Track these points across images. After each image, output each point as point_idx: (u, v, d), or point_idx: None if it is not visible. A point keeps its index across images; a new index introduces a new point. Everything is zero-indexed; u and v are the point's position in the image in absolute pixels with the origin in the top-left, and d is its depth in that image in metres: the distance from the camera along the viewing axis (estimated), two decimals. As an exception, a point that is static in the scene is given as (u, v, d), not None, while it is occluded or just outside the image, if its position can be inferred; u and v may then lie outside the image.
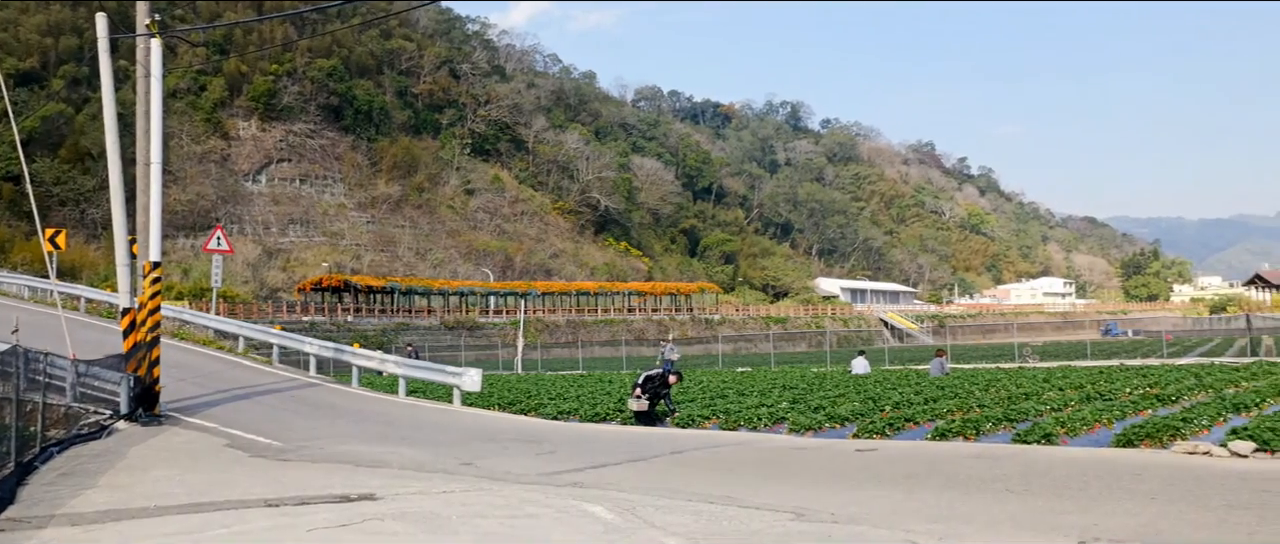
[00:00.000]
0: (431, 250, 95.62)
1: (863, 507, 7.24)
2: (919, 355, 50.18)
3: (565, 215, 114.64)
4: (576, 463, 10.57)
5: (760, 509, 7.20)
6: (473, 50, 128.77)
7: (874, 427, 13.28)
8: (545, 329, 77.54)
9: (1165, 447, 10.60)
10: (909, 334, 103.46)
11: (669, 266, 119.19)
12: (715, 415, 15.83)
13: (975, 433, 12.47)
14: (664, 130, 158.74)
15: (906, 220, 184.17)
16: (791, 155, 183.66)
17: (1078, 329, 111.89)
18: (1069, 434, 12.00)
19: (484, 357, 60.11)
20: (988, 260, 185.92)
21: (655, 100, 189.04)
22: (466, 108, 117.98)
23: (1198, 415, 12.76)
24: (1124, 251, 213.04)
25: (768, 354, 58.25)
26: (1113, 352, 45.64)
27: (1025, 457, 9.94)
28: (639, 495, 8.03)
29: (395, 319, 72.96)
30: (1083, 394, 17.56)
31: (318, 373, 24.66)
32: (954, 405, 15.77)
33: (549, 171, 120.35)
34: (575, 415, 17.49)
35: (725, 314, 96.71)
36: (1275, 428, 10.60)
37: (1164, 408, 14.99)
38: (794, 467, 9.95)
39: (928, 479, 8.65)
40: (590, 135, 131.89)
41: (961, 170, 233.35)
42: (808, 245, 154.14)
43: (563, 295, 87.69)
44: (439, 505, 7.55)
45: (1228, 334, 75.00)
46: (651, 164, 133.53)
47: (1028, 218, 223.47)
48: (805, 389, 21.45)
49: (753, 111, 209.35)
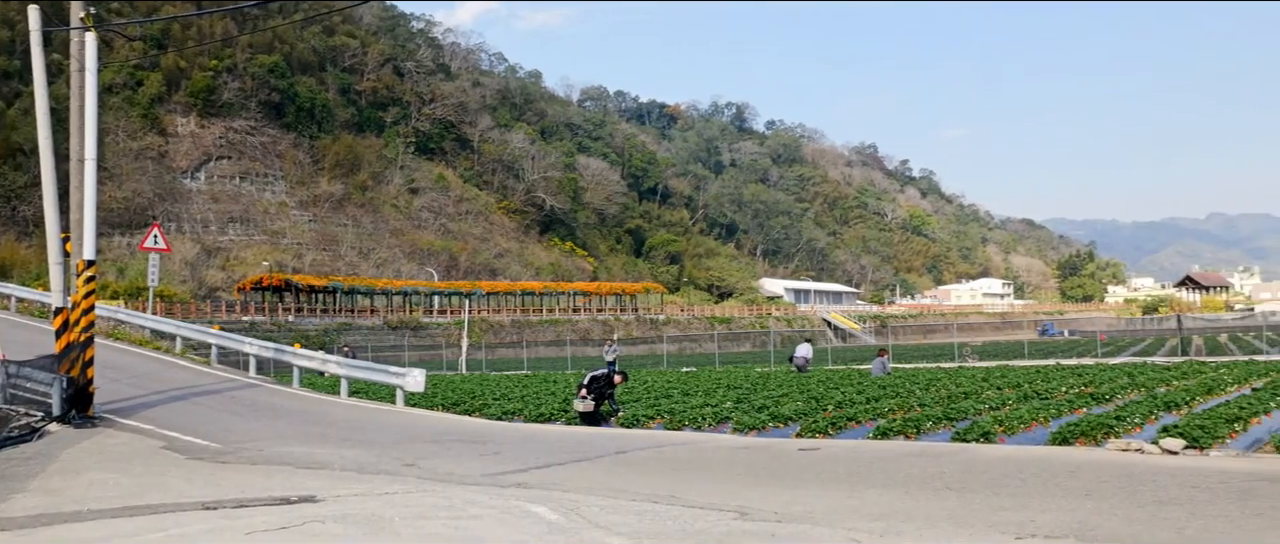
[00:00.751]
0: (375, 249, 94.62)
1: (806, 505, 7.31)
2: (861, 355, 50.72)
3: (510, 215, 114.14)
4: (521, 463, 10.54)
5: (704, 509, 7.23)
6: (417, 48, 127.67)
7: (817, 426, 13.40)
8: (490, 329, 77.14)
9: (1099, 444, 10.82)
10: (852, 334, 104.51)
11: (614, 267, 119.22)
12: (660, 415, 15.86)
13: (916, 432, 12.64)
14: (610, 130, 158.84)
15: (850, 222, 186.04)
16: (736, 156, 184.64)
17: (1016, 329, 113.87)
18: (1007, 432, 12.20)
19: (428, 357, 59.64)
20: (929, 261, 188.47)
21: (601, 100, 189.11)
22: (411, 106, 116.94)
23: (1131, 414, 13.04)
24: (1060, 253, 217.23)
25: (712, 354, 58.50)
26: (1049, 351, 46.51)
27: (964, 455, 10.08)
28: (583, 495, 8.02)
29: (337, 319, 72.15)
30: (1020, 393, 17.86)
31: (257, 374, 24.30)
32: (895, 405, 15.96)
33: (494, 171, 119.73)
34: (520, 416, 17.42)
35: (670, 314, 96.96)
36: (1204, 426, 10.89)
37: (1098, 406, 15.29)
38: (738, 466, 10.01)
39: (869, 478, 8.75)
40: (536, 135, 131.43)
41: (904, 172, 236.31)
42: (752, 246, 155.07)
43: (507, 295, 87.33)
44: (381, 507, 7.49)
45: (1159, 334, 76.78)
46: (597, 164, 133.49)
47: (968, 220, 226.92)
48: (749, 389, 21.58)
49: (698, 112, 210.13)
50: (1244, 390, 17.21)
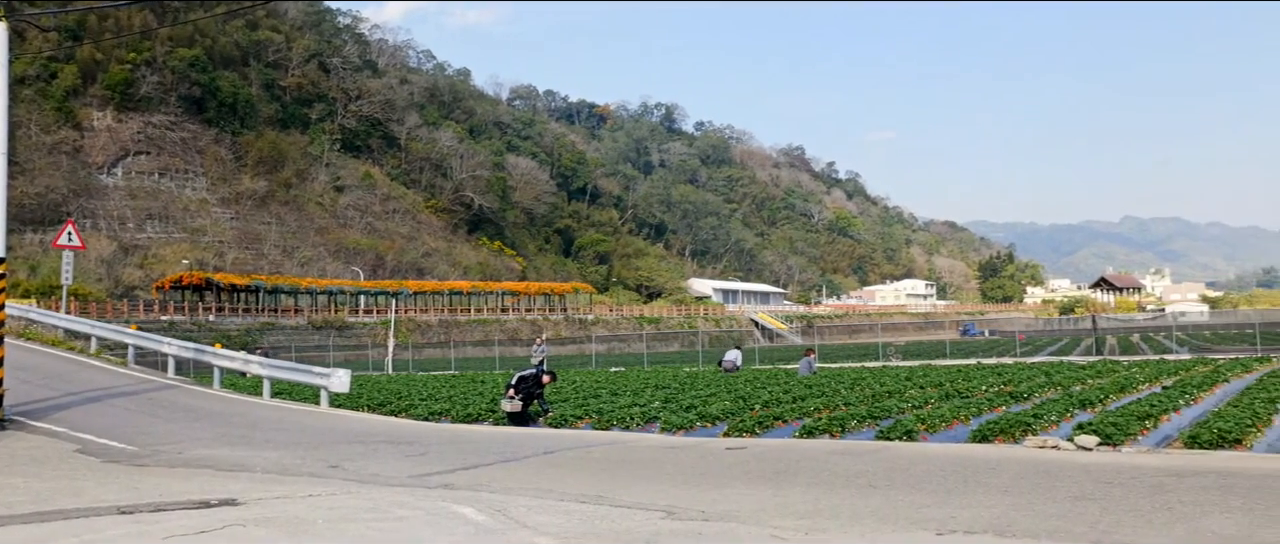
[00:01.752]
0: (299, 248, 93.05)
1: (732, 504, 7.36)
2: (788, 355, 51.23)
3: (438, 214, 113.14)
4: (448, 464, 10.45)
5: (632, 508, 7.25)
6: (343, 44, 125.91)
7: (744, 425, 13.49)
8: (417, 329, 76.41)
9: (1018, 442, 11.06)
10: (779, 334, 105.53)
11: (543, 266, 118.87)
12: (588, 415, 15.84)
13: (841, 430, 12.79)
14: (539, 130, 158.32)
15: (777, 222, 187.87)
16: (666, 157, 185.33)
17: (938, 329, 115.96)
18: (929, 431, 12.40)
19: (353, 357, 58.90)
20: (855, 262, 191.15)
21: (530, 99, 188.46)
22: (336, 102, 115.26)
23: (1048, 412, 13.32)
24: (982, 255, 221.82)
25: (641, 354, 58.63)
26: (970, 351, 47.42)
27: (888, 453, 10.24)
28: (511, 496, 7.99)
29: (260, 319, 70.85)
30: (942, 392, 18.17)
31: (177, 374, 23.76)
32: (821, 404, 16.13)
33: (422, 169, 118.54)
34: (447, 416, 17.27)
35: (599, 314, 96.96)
36: (1117, 423, 11.19)
37: (1017, 405, 15.59)
38: (666, 466, 10.05)
39: (795, 476, 8.84)
40: (464, 133, 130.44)
41: (830, 174, 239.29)
42: (681, 246, 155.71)
43: (435, 295, 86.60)
44: (304, 510, 7.37)
45: (1075, 334, 78.79)
46: (526, 163, 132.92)
47: (893, 221, 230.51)
48: (678, 388, 21.65)
49: (628, 113, 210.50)
50: (1155, 389, 17.72)
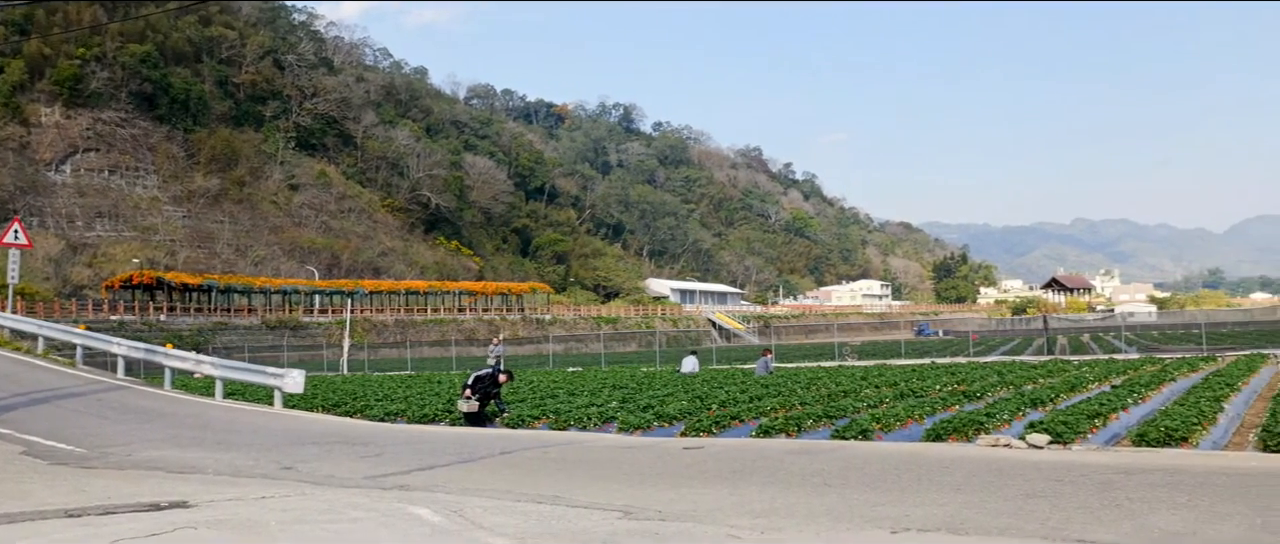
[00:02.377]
0: (252, 247, 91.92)
1: (690, 503, 7.38)
2: (746, 355, 51.45)
3: (394, 213, 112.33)
4: (403, 465, 10.38)
5: (589, 508, 7.25)
6: (299, 41, 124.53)
7: (701, 425, 13.52)
8: (373, 329, 75.83)
9: (971, 440, 11.19)
10: (736, 334, 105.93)
11: (500, 266, 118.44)
12: (545, 415, 15.81)
13: (797, 430, 12.86)
14: (497, 129, 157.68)
15: (734, 223, 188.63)
16: (624, 157, 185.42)
17: (893, 329, 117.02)
18: (884, 430, 12.51)
19: (308, 357, 58.34)
20: (811, 262, 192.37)
21: (488, 99, 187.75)
22: (291, 100, 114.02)
23: (1000, 410, 13.49)
24: (936, 255, 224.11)
25: (599, 354, 58.59)
26: (925, 351, 47.89)
27: (843, 452, 10.32)
28: (467, 497, 7.95)
29: (213, 318, 69.99)
30: (897, 391, 18.33)
31: (127, 375, 23.40)
32: (777, 403, 16.21)
33: (378, 168, 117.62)
34: (403, 417, 17.16)
35: (557, 314, 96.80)
36: (1068, 422, 11.36)
37: (970, 404, 15.75)
38: (623, 465, 10.05)
39: (752, 475, 8.88)
40: (421, 132, 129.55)
41: (787, 175, 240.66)
42: (639, 246, 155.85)
43: (391, 294, 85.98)
44: (257, 512, 7.29)
45: (1027, 334, 79.89)
46: (484, 163, 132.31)
47: (849, 222, 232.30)
48: (635, 388, 21.66)
49: (586, 113, 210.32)
50: (1104, 388, 17.99)
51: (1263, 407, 14.41)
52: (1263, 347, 35.24)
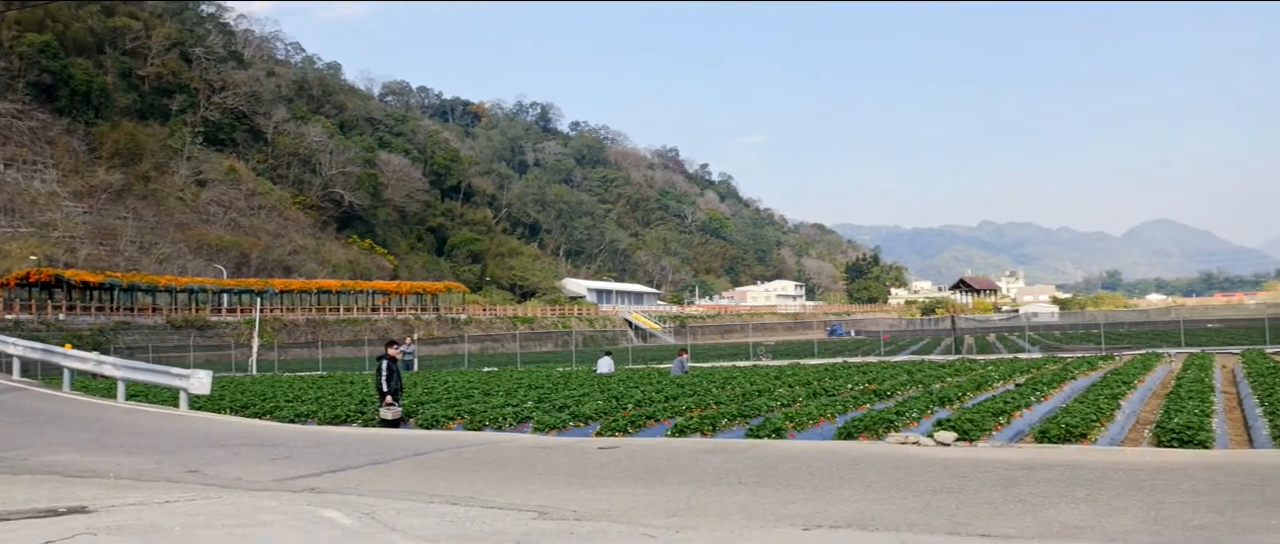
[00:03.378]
0: (157, 244, 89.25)
1: (605, 503, 7.39)
2: (662, 355, 51.67)
3: (306, 210, 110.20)
4: (314, 467, 10.20)
5: (504, 509, 7.21)
6: (207, 33, 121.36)
7: (617, 424, 13.55)
8: (283, 329, 74.31)
9: (881, 438, 11.39)
10: (652, 334, 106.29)
11: (415, 265, 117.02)
12: (460, 416, 15.67)
13: (712, 429, 12.95)
14: (412, 126, 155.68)
15: (651, 223, 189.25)
16: (541, 156, 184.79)
17: (807, 329, 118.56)
18: (797, 428, 12.65)
19: (215, 358, 56.99)
20: (727, 263, 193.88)
21: (403, 95, 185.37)
22: (199, 94, 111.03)
23: (909, 409, 13.74)
24: (849, 256, 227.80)
25: (515, 354, 58.30)
26: (837, 350, 48.62)
27: (757, 450, 10.42)
28: (379, 499, 7.85)
29: (115, 317, 67.90)
30: (810, 391, 18.56)
31: (23, 376, 22.61)
32: (693, 403, 16.30)
33: (289, 164, 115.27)
34: (313, 418, 16.87)
35: (472, 314, 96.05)
36: (974, 419, 11.64)
37: (880, 402, 16.02)
38: (538, 466, 10.02)
39: (666, 475, 8.92)
40: (334, 128, 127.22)
41: (704, 176, 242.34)
42: (556, 246, 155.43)
43: (302, 293, 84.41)
44: (160, 517, 7.10)
45: (936, 334, 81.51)
46: (398, 160, 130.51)
47: (764, 223, 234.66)
48: (551, 388, 21.61)
49: (503, 111, 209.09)
50: (1009, 386, 18.47)
51: (1157, 404, 14.94)
52: (1157, 346, 36.53)
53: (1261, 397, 13.91)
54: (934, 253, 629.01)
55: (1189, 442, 9.84)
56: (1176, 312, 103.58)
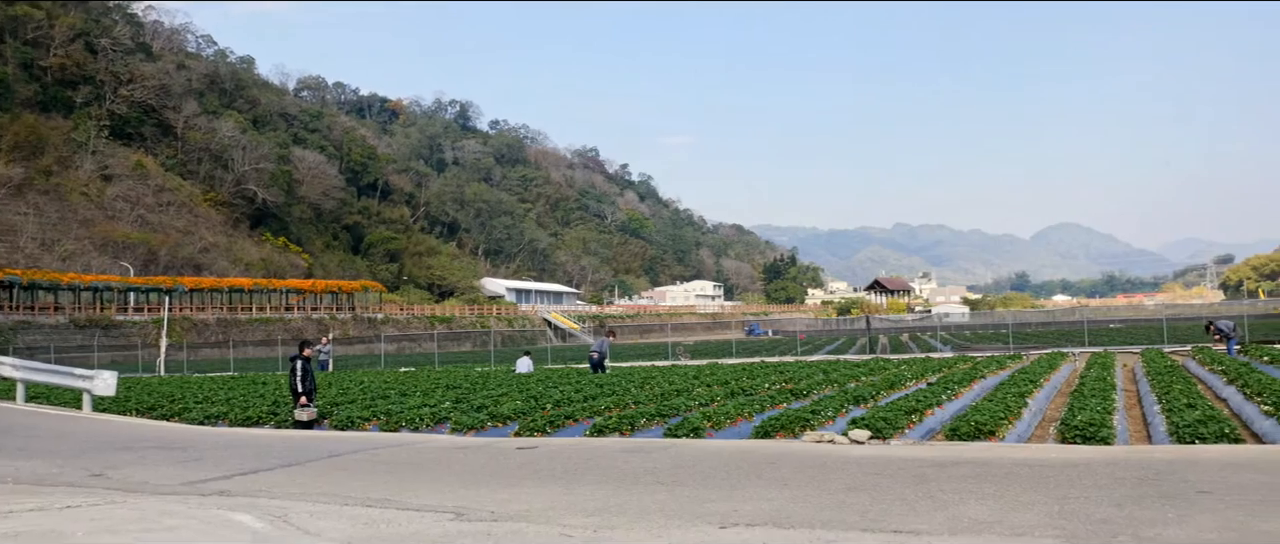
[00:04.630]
0: (60, 241, 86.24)
1: (523, 503, 7.37)
2: (581, 355, 51.65)
3: (217, 208, 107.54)
4: (224, 470, 9.98)
5: (421, 511, 7.14)
6: (114, 24, 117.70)
7: (536, 424, 13.50)
8: (193, 328, 72.55)
9: (797, 437, 11.52)
10: (572, 334, 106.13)
11: (330, 264, 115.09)
12: (376, 417, 15.48)
13: (631, 429, 12.98)
14: (328, 123, 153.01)
15: (571, 223, 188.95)
16: (459, 155, 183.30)
17: (725, 329, 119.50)
18: (715, 428, 12.74)
19: (121, 358, 55.45)
20: (646, 263, 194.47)
21: (319, 91, 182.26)
22: (105, 86, 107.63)
23: (825, 407, 13.92)
24: (767, 257, 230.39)
25: (432, 354, 57.72)
26: (755, 350, 49.10)
27: (676, 450, 10.47)
28: (292, 501, 7.71)
29: (14, 316, 65.53)
30: (728, 390, 18.69)
31: (-86, 378, 21.66)
32: (611, 402, 16.32)
33: (200, 160, 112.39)
34: (224, 420, 16.50)
35: (389, 313, 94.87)
36: (887, 418, 11.86)
37: (797, 402, 16.18)
38: (456, 466, 9.94)
39: (585, 474, 8.92)
40: (247, 124, 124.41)
41: (624, 176, 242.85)
42: (474, 245, 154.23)
43: (213, 292, 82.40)
44: (61, 522, 6.88)
45: (851, 334, 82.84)
46: (314, 157, 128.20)
47: (683, 224, 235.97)
48: (469, 389, 21.45)
49: (421, 109, 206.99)
50: (921, 385, 18.84)
51: (1062, 402, 15.39)
52: (1063, 345, 37.62)
53: (1159, 394, 14.41)
54: (850, 254, 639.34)
55: (1092, 438, 10.16)
56: (1081, 312, 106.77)
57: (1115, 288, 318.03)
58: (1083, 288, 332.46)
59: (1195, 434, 10.03)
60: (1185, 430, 10.26)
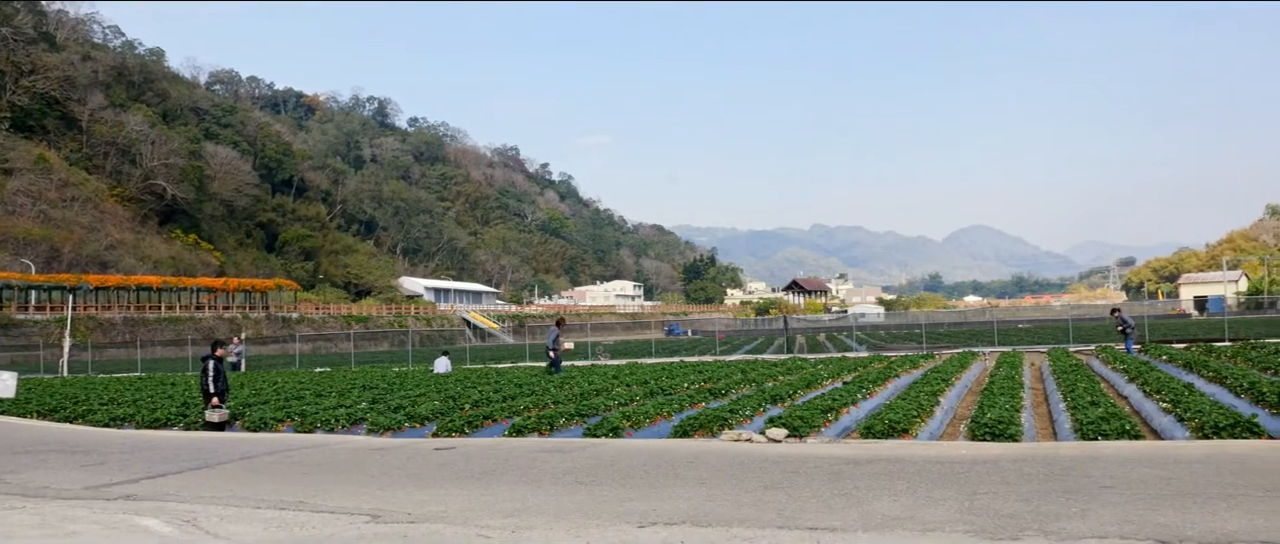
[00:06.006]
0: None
1: (440, 505, 7.31)
2: (500, 354, 51.33)
3: (125, 203, 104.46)
4: (131, 474, 9.71)
5: (335, 513, 7.04)
6: (15, 12, 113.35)
7: (453, 425, 13.40)
8: (98, 328, 70.42)
9: (715, 436, 11.61)
10: (491, 334, 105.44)
11: (244, 262, 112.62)
12: (290, 418, 15.22)
13: (550, 428, 12.95)
14: (241, 118, 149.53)
15: (490, 222, 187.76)
16: (377, 152, 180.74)
17: (645, 329, 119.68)
18: (634, 427, 12.77)
19: (21, 359, 53.63)
20: (566, 263, 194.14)
21: (232, 85, 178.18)
22: (5, 77, 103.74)
23: (743, 407, 14.04)
24: (686, 258, 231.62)
25: (349, 354, 56.83)
26: (675, 350, 49.27)
27: (595, 449, 10.49)
28: (202, 505, 7.54)
29: (-94, 316, 62.92)
30: (647, 390, 18.74)
31: None
32: (531, 402, 16.27)
33: (107, 154, 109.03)
34: (131, 422, 16.05)
35: (304, 313, 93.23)
36: (804, 416, 12.01)
37: (716, 401, 16.29)
38: (372, 468, 9.81)
39: (504, 475, 8.89)
40: (156, 118, 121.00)
41: (544, 176, 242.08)
42: (392, 243, 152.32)
43: (120, 290, 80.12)
44: (-41, 528, 6.63)
45: (769, 334, 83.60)
46: (226, 153, 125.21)
47: (603, 224, 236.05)
48: (386, 389, 21.20)
49: (338, 105, 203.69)
50: (837, 384, 19.10)
51: (972, 400, 15.74)
52: (974, 345, 38.47)
53: (1065, 392, 14.82)
54: (769, 254, 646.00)
55: (1001, 436, 10.42)
56: (991, 313, 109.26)
57: (1024, 289, 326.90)
58: (993, 289, 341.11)
59: (1098, 431, 10.34)
60: (1089, 427, 10.57)
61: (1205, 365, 18.15)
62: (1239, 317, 75.67)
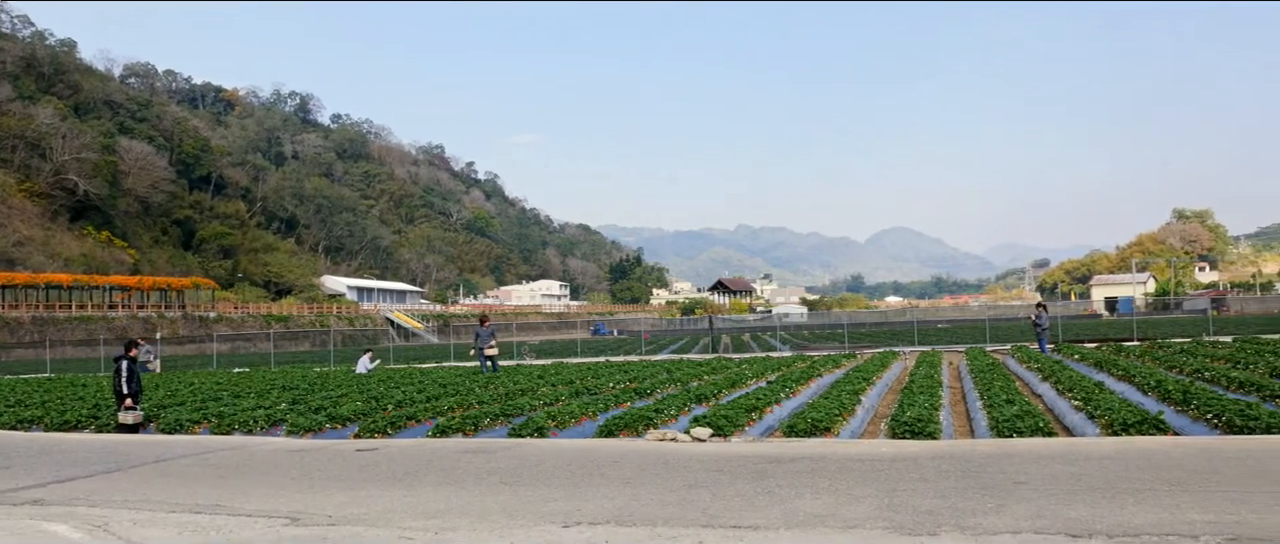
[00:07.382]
0: None
1: (361, 507, 7.21)
2: (425, 354, 50.84)
3: (34, 199, 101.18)
4: (39, 477, 9.42)
5: (253, 517, 6.91)
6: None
7: (376, 426, 13.25)
8: (5, 327, 68.13)
9: (640, 435, 11.65)
10: (415, 333, 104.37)
11: (159, 260, 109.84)
12: (207, 419, 14.89)
13: (474, 429, 12.89)
14: (157, 112, 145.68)
15: (415, 220, 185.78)
16: (299, 148, 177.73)
17: (571, 328, 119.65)
18: (559, 427, 12.76)
19: (-79, 359, 51.57)
20: (492, 262, 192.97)
21: (148, 78, 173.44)
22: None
23: (668, 406, 14.09)
24: (613, 257, 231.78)
25: (268, 354, 55.80)
26: (600, 349, 49.35)
27: (519, 450, 10.44)
28: (113, 509, 7.34)
29: None
30: (573, 389, 18.74)
31: None
32: (455, 403, 16.15)
33: (15, 148, 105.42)
34: (39, 424, 15.57)
35: (222, 312, 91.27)
36: (728, 416, 12.10)
37: (641, 400, 16.35)
38: (292, 470, 9.65)
39: (426, 476, 8.80)
40: (68, 111, 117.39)
41: (470, 174, 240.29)
42: (314, 242, 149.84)
43: (28, 288, 77.62)
44: None
45: (695, 333, 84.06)
46: (141, 147, 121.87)
47: (530, 223, 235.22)
48: (306, 390, 20.88)
49: (259, 100, 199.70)
50: (761, 383, 19.29)
51: (893, 399, 16.01)
52: (894, 345, 39.15)
53: (981, 391, 15.16)
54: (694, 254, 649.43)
55: (920, 434, 10.62)
56: (911, 313, 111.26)
57: (943, 289, 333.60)
58: (913, 289, 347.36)
59: (1013, 429, 10.59)
60: (1004, 425, 10.83)
61: (1115, 364, 18.70)
62: (1147, 317, 78.23)
